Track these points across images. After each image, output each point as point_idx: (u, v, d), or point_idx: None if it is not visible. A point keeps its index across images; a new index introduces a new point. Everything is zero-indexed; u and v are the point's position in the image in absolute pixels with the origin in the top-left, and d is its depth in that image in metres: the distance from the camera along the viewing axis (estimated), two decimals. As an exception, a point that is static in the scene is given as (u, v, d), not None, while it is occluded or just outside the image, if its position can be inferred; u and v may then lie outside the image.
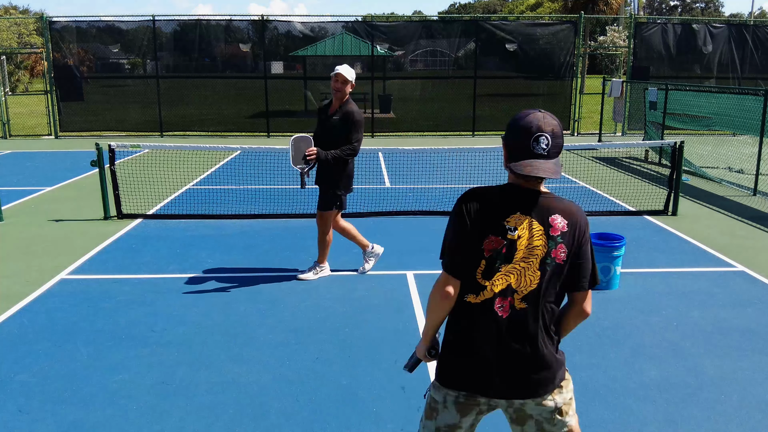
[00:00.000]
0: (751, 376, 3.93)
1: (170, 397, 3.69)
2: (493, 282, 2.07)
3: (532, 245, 2.07)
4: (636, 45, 17.43)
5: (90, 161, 7.96)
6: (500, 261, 2.06)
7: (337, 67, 5.39)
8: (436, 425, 2.23)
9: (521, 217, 2.08)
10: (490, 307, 2.08)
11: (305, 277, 5.68)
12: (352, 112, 5.40)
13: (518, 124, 2.07)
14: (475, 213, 2.12)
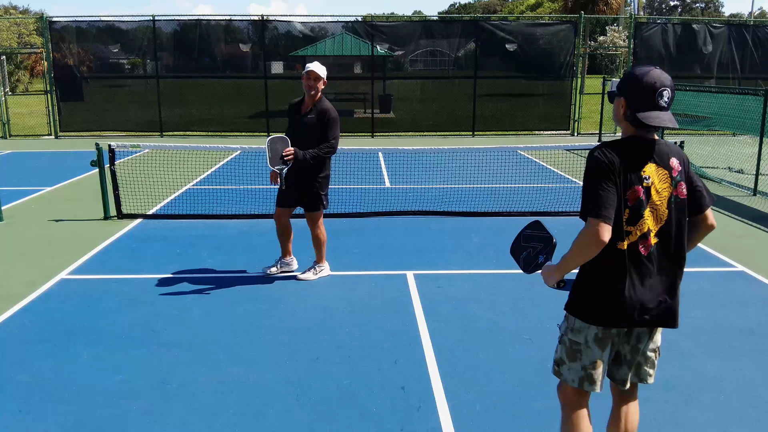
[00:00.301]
0: (751, 376, 3.92)
1: (170, 398, 3.69)
2: (637, 227, 2.36)
3: (661, 188, 2.38)
4: (636, 45, 17.43)
5: (90, 161, 7.96)
6: (642, 208, 2.35)
7: (308, 64, 5.38)
8: (582, 364, 2.54)
9: (651, 165, 2.38)
10: (635, 248, 2.38)
11: (305, 278, 5.67)
12: (328, 109, 5.38)
13: (642, 80, 2.33)
14: (618, 166, 2.33)
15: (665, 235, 2.41)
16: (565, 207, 8.39)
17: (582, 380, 2.55)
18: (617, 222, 2.33)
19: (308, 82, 5.33)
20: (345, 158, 11.58)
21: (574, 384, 2.57)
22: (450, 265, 6.08)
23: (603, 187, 2.31)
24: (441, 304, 5.10)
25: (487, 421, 3.44)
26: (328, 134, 5.37)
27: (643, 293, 2.40)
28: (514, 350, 4.29)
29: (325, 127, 5.34)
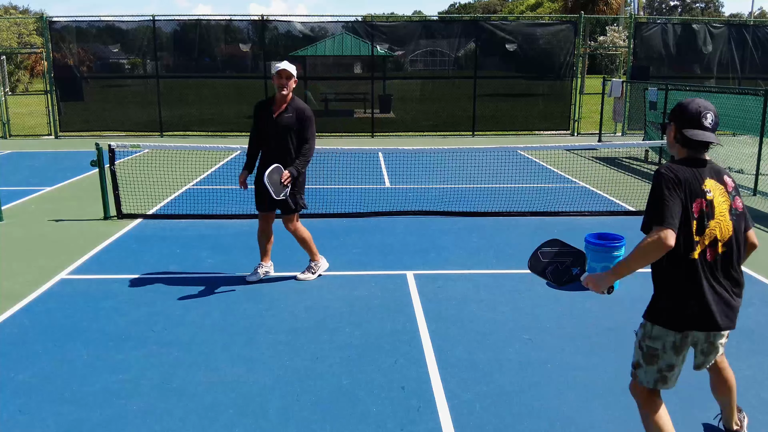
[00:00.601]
0: (751, 376, 3.92)
1: (170, 397, 3.69)
2: (704, 236, 2.60)
3: (720, 201, 2.64)
4: (636, 45, 17.43)
5: (90, 161, 7.97)
6: (706, 219, 2.59)
7: (279, 63, 5.30)
8: (658, 367, 2.76)
9: (710, 180, 2.65)
10: (704, 257, 2.62)
11: (305, 278, 5.66)
12: (305, 108, 5.33)
13: (688, 106, 2.70)
14: (683, 181, 2.58)
15: (730, 244, 2.66)
16: (565, 207, 8.39)
17: (656, 381, 2.78)
18: (687, 234, 2.58)
19: (281, 81, 5.23)
20: (345, 158, 11.60)
21: (649, 385, 2.79)
22: (450, 265, 6.08)
23: (669, 198, 2.56)
24: (441, 304, 5.10)
25: (487, 421, 3.44)
26: (307, 133, 5.31)
27: (716, 299, 2.64)
28: (514, 350, 4.29)
29: (303, 126, 5.28)
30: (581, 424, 3.42)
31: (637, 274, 6.07)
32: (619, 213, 8.28)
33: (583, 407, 3.57)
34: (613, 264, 5.42)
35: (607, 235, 5.54)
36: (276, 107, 5.33)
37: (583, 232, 6.20)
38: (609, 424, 3.42)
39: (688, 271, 2.64)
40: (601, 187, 9.96)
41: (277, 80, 5.25)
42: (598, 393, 3.74)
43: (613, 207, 8.67)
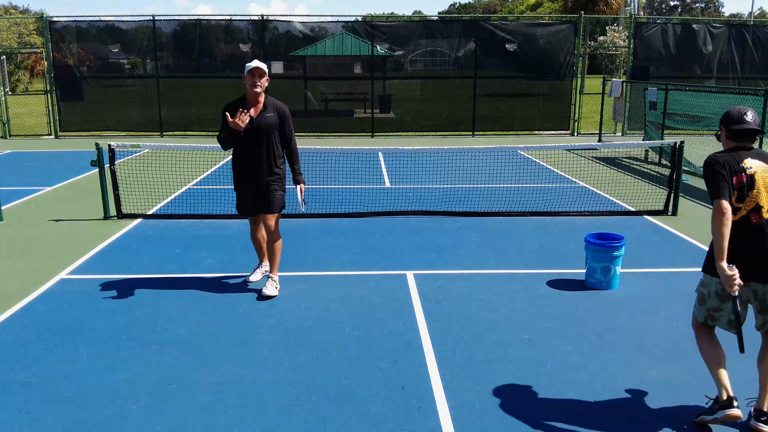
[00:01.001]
0: (750, 376, 3.92)
1: (170, 397, 3.69)
2: (745, 204, 3.24)
3: (764, 176, 3.25)
4: (636, 45, 17.43)
5: (90, 161, 7.97)
6: (746, 189, 3.23)
7: (254, 61, 5.05)
8: (706, 308, 3.43)
9: (751, 160, 3.29)
10: (747, 219, 3.23)
11: (271, 293, 5.22)
12: (283, 105, 5.22)
13: (731, 111, 3.40)
14: (723, 163, 3.27)
15: None
16: (565, 207, 8.39)
17: (705, 318, 3.45)
18: (729, 202, 3.19)
19: (256, 80, 5.01)
20: (345, 158, 11.61)
21: (700, 320, 3.49)
22: (450, 265, 6.09)
23: (714, 177, 3.24)
24: (441, 304, 5.10)
25: (487, 421, 3.45)
26: (289, 132, 5.22)
27: (756, 254, 3.22)
28: (514, 350, 4.29)
29: (285, 124, 5.18)
30: (581, 424, 3.42)
31: (637, 274, 6.08)
32: (619, 213, 8.28)
33: (583, 407, 3.57)
34: (612, 264, 5.47)
35: (607, 235, 5.54)
36: (252, 107, 5.11)
37: (583, 232, 6.21)
38: (609, 423, 3.42)
39: (736, 230, 3.20)
40: (601, 187, 9.96)
41: (250, 79, 5.03)
42: (598, 393, 3.74)
43: (613, 207, 8.67)
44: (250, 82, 5.03)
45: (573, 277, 5.72)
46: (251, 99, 5.12)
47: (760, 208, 3.23)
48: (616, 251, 5.35)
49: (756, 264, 3.22)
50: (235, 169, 5.30)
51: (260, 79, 5.03)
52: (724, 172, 3.25)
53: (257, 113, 5.10)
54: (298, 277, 5.78)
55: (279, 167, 5.23)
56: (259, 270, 5.67)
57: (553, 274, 5.80)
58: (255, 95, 5.08)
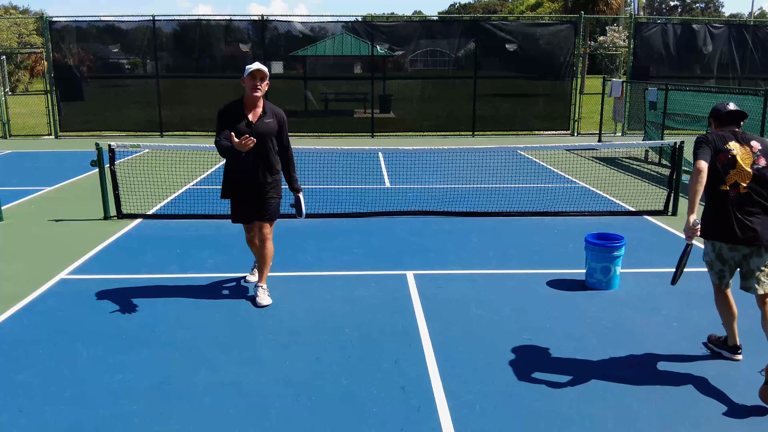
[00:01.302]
0: (751, 376, 3.92)
1: (170, 398, 3.69)
2: (727, 179, 3.82)
3: (743, 158, 3.83)
4: (636, 45, 17.43)
5: (90, 161, 7.97)
6: (729, 167, 3.82)
7: (254, 63, 4.80)
8: (715, 271, 4.05)
9: (735, 143, 3.88)
10: (729, 194, 3.83)
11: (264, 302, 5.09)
12: (281, 111, 5.02)
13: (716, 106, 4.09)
14: (710, 141, 3.89)
15: (752, 188, 3.82)
16: (565, 207, 8.39)
17: (718, 279, 4.06)
18: (717, 176, 3.83)
19: (257, 83, 4.76)
20: (345, 158, 11.60)
21: (715, 282, 4.08)
22: (450, 265, 6.08)
23: (702, 148, 3.87)
24: (441, 304, 5.10)
25: (487, 421, 3.45)
26: (286, 139, 5.05)
27: (737, 222, 3.80)
28: (514, 350, 4.29)
29: (283, 130, 5.00)
30: (581, 424, 3.42)
31: (637, 274, 6.07)
32: (619, 213, 8.28)
33: (583, 407, 3.57)
34: (612, 264, 5.47)
35: (607, 235, 5.54)
36: (250, 112, 4.86)
37: (583, 232, 6.21)
38: (609, 423, 3.42)
39: (721, 202, 3.86)
40: (601, 187, 9.96)
41: (250, 82, 4.76)
42: (598, 392, 3.74)
43: (613, 207, 8.67)
44: (250, 84, 4.77)
45: (573, 277, 5.72)
46: (250, 102, 4.87)
47: (739, 185, 3.84)
48: (616, 251, 5.35)
49: (740, 230, 3.80)
50: (230, 175, 5.00)
51: (261, 83, 4.77)
52: (709, 146, 3.88)
53: (256, 118, 4.87)
54: (298, 278, 5.78)
55: (276, 174, 5.04)
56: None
57: (553, 274, 5.80)
58: (255, 99, 4.84)
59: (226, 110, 4.88)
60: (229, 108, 4.90)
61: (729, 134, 3.93)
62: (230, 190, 5.06)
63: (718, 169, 3.83)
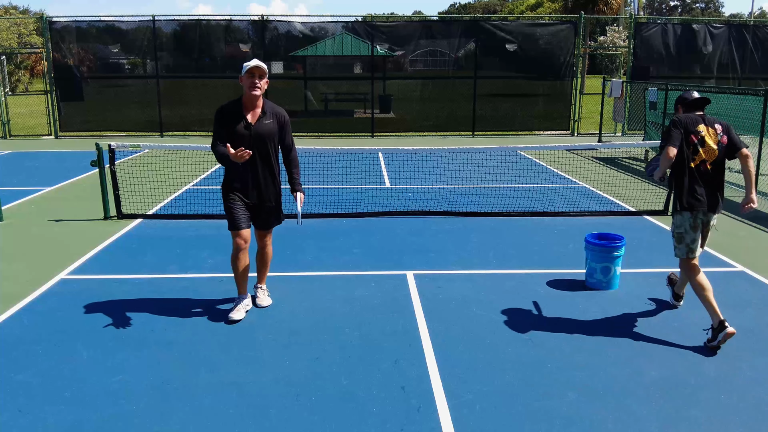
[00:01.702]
0: (751, 377, 3.93)
1: (170, 398, 3.69)
2: (696, 157, 4.39)
3: (710, 138, 4.41)
4: (636, 45, 17.43)
5: (90, 161, 7.97)
6: (699, 146, 4.39)
7: (252, 60, 4.51)
8: (685, 243, 4.48)
9: (702, 125, 4.43)
10: (698, 169, 4.40)
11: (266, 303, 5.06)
12: (282, 111, 4.76)
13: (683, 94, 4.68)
14: (683, 124, 4.43)
15: (716, 164, 4.42)
16: (566, 207, 8.39)
17: (687, 252, 4.48)
18: (687, 154, 4.38)
19: (255, 81, 4.48)
20: (345, 158, 11.60)
21: (685, 255, 4.49)
22: (450, 265, 6.08)
23: (673, 133, 4.39)
24: (441, 304, 5.10)
25: (487, 421, 3.45)
26: (289, 138, 4.78)
27: (705, 193, 4.39)
28: (514, 350, 4.29)
29: (285, 131, 4.73)
30: (581, 424, 3.42)
31: (637, 274, 6.07)
32: (619, 213, 8.28)
33: (583, 407, 3.57)
34: (612, 264, 5.47)
35: (607, 235, 5.54)
36: (249, 112, 4.60)
37: (583, 232, 6.21)
38: (609, 423, 3.42)
39: (690, 176, 4.40)
40: (601, 187, 9.96)
41: (248, 80, 4.49)
42: (598, 392, 3.74)
43: (613, 207, 8.68)
44: (248, 83, 4.50)
45: (573, 277, 5.73)
46: (249, 102, 4.60)
47: (705, 162, 4.40)
48: (616, 251, 5.35)
49: (706, 198, 4.39)
50: (230, 180, 4.72)
51: (260, 81, 4.51)
52: (680, 130, 4.40)
53: (255, 119, 4.60)
54: (298, 278, 5.78)
55: (278, 178, 4.82)
56: (242, 305, 4.86)
57: (553, 274, 5.80)
58: (253, 98, 4.56)
59: (224, 111, 4.61)
60: (227, 108, 4.62)
61: (698, 117, 4.46)
62: (229, 195, 4.73)
63: (688, 149, 4.39)
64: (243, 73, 4.52)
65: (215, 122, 4.62)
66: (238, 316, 4.75)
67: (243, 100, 4.63)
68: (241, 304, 4.84)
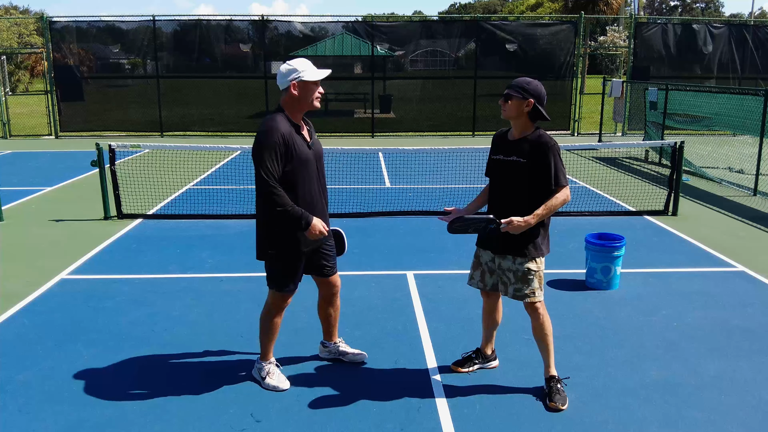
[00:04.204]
0: (751, 376, 3.93)
1: (170, 397, 3.68)
2: None
3: None
4: (636, 45, 17.43)
5: (90, 161, 7.97)
6: None
7: (306, 62, 3.53)
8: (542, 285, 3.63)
9: None
10: None
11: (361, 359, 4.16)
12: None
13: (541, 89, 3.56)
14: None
15: None
16: (566, 207, 8.36)
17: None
18: None
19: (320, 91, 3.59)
20: (345, 158, 11.60)
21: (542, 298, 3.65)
22: (450, 265, 6.08)
23: None
24: (441, 304, 5.10)
25: (487, 421, 3.45)
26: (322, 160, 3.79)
27: None
28: (514, 350, 4.29)
29: None
30: (581, 424, 3.42)
31: (637, 274, 6.06)
32: (619, 213, 8.28)
33: (583, 407, 3.57)
34: (612, 264, 5.46)
35: (607, 235, 5.53)
36: (305, 130, 3.64)
37: (583, 232, 6.21)
38: (609, 424, 3.42)
39: None
40: (601, 187, 9.96)
41: (312, 88, 3.52)
42: (598, 392, 3.73)
43: (613, 207, 8.67)
44: (314, 92, 3.52)
45: (573, 277, 5.72)
46: (300, 117, 3.60)
47: None
48: (616, 251, 5.35)
49: None
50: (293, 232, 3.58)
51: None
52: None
53: (309, 135, 3.65)
54: (298, 277, 5.78)
55: None
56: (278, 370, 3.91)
57: (553, 274, 5.80)
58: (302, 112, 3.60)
59: (282, 130, 3.42)
60: (283, 128, 3.43)
61: None
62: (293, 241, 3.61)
63: None
64: (305, 79, 3.47)
65: (270, 149, 3.37)
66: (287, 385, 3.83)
67: (290, 112, 3.54)
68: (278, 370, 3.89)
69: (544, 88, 3.60)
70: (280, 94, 3.59)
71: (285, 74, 3.50)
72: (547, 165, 3.47)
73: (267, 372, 3.83)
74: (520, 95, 3.47)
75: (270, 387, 3.78)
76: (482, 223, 3.53)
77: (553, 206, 3.46)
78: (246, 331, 4.60)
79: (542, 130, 3.58)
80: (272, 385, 3.78)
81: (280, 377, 3.82)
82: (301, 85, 3.48)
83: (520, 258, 3.56)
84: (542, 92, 3.53)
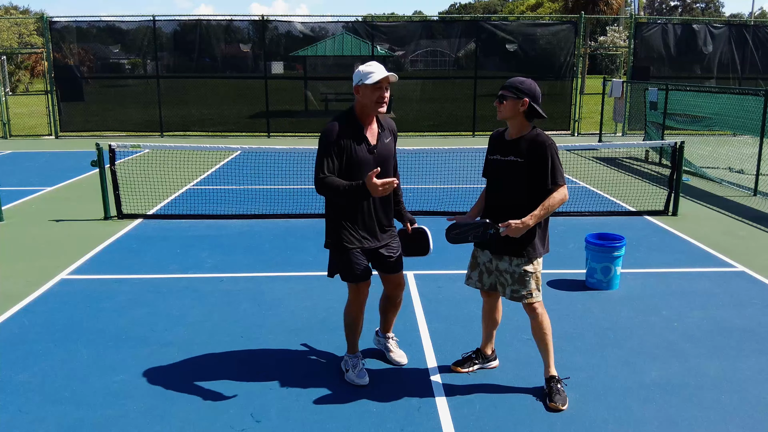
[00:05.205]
0: (751, 376, 3.92)
1: (170, 397, 3.69)
2: None
3: None
4: (636, 45, 17.42)
5: (90, 161, 7.97)
6: None
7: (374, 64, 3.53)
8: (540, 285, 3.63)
9: None
10: None
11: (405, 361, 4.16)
12: (392, 121, 3.85)
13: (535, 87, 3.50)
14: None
15: None
16: (566, 207, 8.37)
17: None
18: None
19: (384, 94, 3.52)
20: (345, 158, 11.59)
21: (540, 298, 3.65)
22: (450, 265, 6.08)
23: None
24: (441, 305, 5.10)
25: (487, 421, 3.45)
26: (395, 158, 3.84)
27: None
28: (514, 350, 4.29)
29: (395, 147, 3.82)
30: (581, 424, 3.42)
31: (637, 274, 6.06)
32: (619, 213, 8.28)
33: (583, 407, 3.57)
34: (612, 264, 5.46)
35: (607, 235, 5.53)
36: (368, 132, 3.61)
37: (583, 232, 6.21)
38: (609, 424, 3.42)
39: None
40: (601, 187, 9.96)
41: (375, 92, 3.49)
42: (598, 392, 3.73)
43: (613, 207, 8.67)
44: (375, 96, 3.49)
45: (573, 277, 5.72)
46: (367, 119, 3.60)
47: None
48: (616, 251, 5.35)
49: None
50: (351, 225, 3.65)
51: (387, 92, 3.53)
52: None
53: (375, 138, 3.61)
54: (298, 277, 5.78)
55: None
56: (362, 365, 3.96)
57: (553, 274, 5.80)
58: (373, 115, 3.61)
59: (339, 132, 3.49)
60: (342, 130, 3.50)
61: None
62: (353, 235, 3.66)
63: None
64: (366, 82, 3.46)
65: (325, 147, 3.48)
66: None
67: (358, 114, 3.58)
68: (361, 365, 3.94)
69: (539, 86, 3.56)
70: None
71: (354, 76, 3.56)
72: (545, 164, 3.43)
73: (350, 366, 3.92)
74: (514, 95, 3.45)
75: (348, 380, 3.88)
76: (480, 228, 3.45)
77: (551, 206, 3.44)
78: (246, 331, 4.60)
79: (539, 129, 3.53)
80: (350, 378, 3.88)
81: (360, 372, 3.88)
82: (362, 89, 3.52)
83: (516, 259, 3.55)
84: (537, 90, 3.48)
